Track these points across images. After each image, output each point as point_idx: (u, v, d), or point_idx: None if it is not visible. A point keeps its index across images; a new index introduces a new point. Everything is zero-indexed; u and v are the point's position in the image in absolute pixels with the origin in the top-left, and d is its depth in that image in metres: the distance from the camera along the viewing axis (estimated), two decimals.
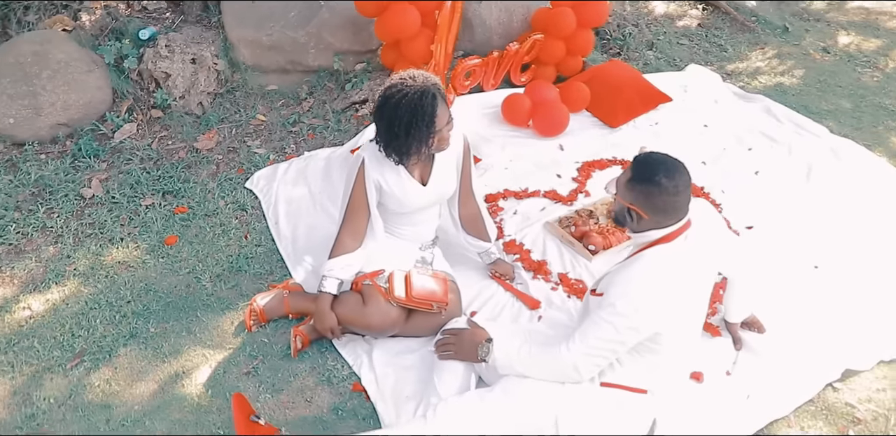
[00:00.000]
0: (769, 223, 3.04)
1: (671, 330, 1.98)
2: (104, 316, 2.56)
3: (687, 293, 1.97)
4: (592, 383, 2.05)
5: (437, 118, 2.20)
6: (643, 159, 1.97)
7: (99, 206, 2.99)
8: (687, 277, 1.96)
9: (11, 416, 2.26)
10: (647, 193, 1.92)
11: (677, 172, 1.92)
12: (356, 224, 2.40)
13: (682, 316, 1.99)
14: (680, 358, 2.09)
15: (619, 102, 3.57)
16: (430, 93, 2.17)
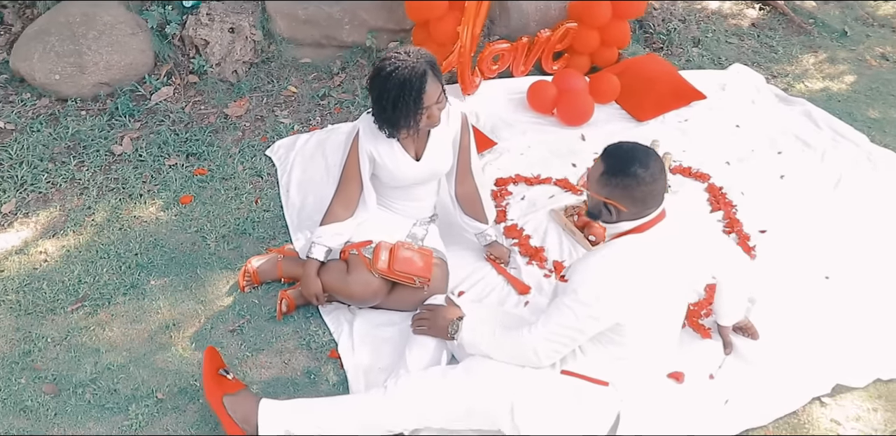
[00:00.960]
0: (784, 229, 2.90)
1: (634, 323, 1.90)
2: (111, 266, 2.65)
3: (653, 286, 1.89)
4: (553, 370, 2.01)
5: (426, 95, 2.16)
6: (613, 151, 1.89)
7: (126, 162, 3.08)
8: (654, 269, 1.89)
9: (10, 350, 2.37)
10: (623, 185, 1.85)
11: (650, 159, 1.85)
12: (348, 194, 2.40)
13: (648, 310, 1.92)
14: (647, 353, 2.01)
15: (649, 96, 3.45)
16: (420, 69, 2.14)
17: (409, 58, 2.15)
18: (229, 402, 2.09)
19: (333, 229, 2.38)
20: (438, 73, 2.21)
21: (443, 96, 2.23)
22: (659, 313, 1.96)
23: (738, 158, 3.28)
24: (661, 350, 2.07)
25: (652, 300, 1.91)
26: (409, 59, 2.15)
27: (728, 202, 3.01)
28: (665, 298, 1.95)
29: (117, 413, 2.20)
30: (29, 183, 2.95)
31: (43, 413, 2.20)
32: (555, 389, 1.98)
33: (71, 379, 2.29)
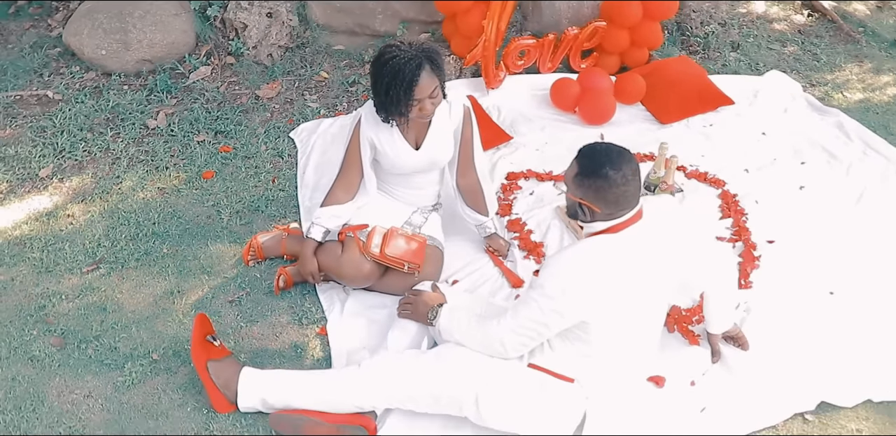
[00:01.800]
0: (794, 241, 2.81)
1: (600, 321, 1.90)
2: (129, 232, 2.77)
3: (623, 287, 1.88)
4: (521, 362, 2.02)
5: (418, 88, 2.18)
6: (587, 152, 1.89)
7: (157, 136, 3.20)
8: (625, 270, 1.87)
9: (28, 304, 2.52)
10: (595, 187, 1.84)
11: (623, 161, 1.83)
12: (349, 179, 2.45)
13: (616, 309, 1.91)
14: (616, 354, 2.00)
15: (674, 99, 3.39)
16: (416, 62, 2.16)
17: (410, 50, 2.18)
18: (213, 367, 2.18)
19: (332, 211, 2.43)
20: (438, 68, 2.22)
21: (438, 92, 2.25)
22: (629, 314, 1.95)
23: (759, 167, 3.19)
24: (633, 352, 2.05)
25: (621, 300, 1.90)
26: (409, 50, 2.17)
27: (739, 210, 2.94)
28: (637, 299, 1.94)
29: (114, 369, 2.32)
30: (67, 151, 3.11)
31: (48, 363, 2.34)
32: (520, 382, 1.99)
33: (77, 335, 2.42)
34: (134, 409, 2.23)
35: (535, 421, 2.01)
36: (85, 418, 2.20)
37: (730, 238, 2.82)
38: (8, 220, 2.82)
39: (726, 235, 2.83)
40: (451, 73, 3.38)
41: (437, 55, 2.22)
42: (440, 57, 2.23)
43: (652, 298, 2.00)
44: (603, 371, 2.01)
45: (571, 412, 2.02)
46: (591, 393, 2.00)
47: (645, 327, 2.04)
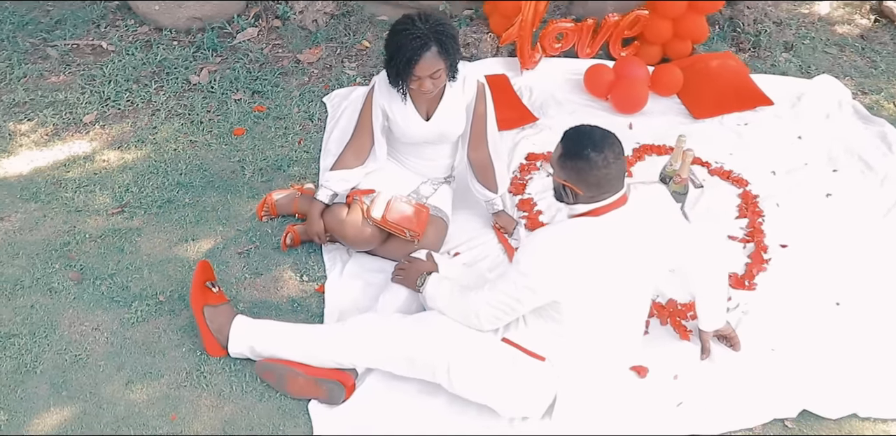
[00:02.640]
0: (808, 247, 2.74)
1: (572, 302, 1.91)
2: (157, 181, 2.89)
3: (598, 270, 1.88)
4: (495, 335, 2.05)
5: (418, 65, 2.20)
6: (571, 134, 1.89)
7: (197, 92, 3.31)
8: (601, 253, 1.87)
9: (54, 240, 2.66)
10: (577, 168, 1.85)
11: (606, 144, 1.83)
12: (360, 143, 2.49)
13: (589, 292, 1.91)
14: (588, 336, 2.00)
15: (710, 94, 3.31)
16: (422, 41, 2.17)
17: (423, 27, 2.18)
18: (209, 312, 2.28)
19: (340, 175, 2.49)
20: (446, 51, 2.21)
21: (441, 74, 2.25)
22: (605, 299, 1.95)
23: (787, 170, 3.10)
24: (608, 337, 2.05)
25: (595, 283, 1.90)
26: (421, 27, 2.18)
27: (757, 211, 2.87)
28: (614, 284, 1.94)
29: (122, 306, 2.45)
30: (112, 99, 3.24)
31: (64, 295, 2.48)
32: (491, 354, 2.02)
33: (94, 271, 2.55)
34: (135, 345, 2.35)
35: (505, 395, 2.04)
36: (90, 349, 2.34)
37: (742, 238, 2.77)
38: (49, 160, 2.97)
39: (739, 235, 2.79)
40: (488, 50, 3.38)
41: (447, 38, 2.21)
42: (451, 39, 2.23)
43: (631, 285, 1.99)
44: (575, 352, 2.02)
45: (542, 391, 2.04)
46: (562, 373, 2.02)
47: (623, 313, 2.04)
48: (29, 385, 2.25)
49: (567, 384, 2.03)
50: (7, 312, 2.43)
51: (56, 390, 2.23)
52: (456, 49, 2.26)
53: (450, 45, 2.22)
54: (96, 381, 2.26)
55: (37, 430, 2.14)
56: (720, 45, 3.75)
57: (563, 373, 2.01)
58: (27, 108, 3.20)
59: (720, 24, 3.79)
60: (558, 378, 2.02)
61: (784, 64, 3.77)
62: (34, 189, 2.84)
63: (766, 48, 3.80)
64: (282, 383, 2.19)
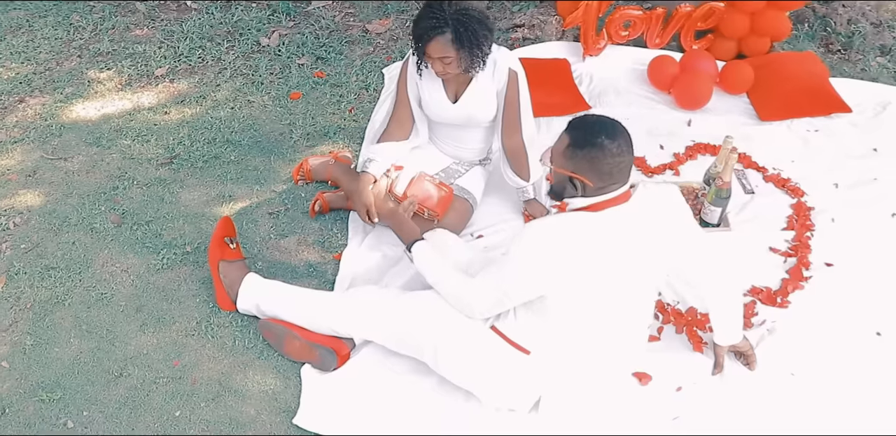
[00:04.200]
0: (857, 269, 2.42)
1: (559, 297, 1.75)
2: (208, 136, 2.89)
3: (589, 268, 1.71)
4: (484, 323, 1.92)
5: (429, 47, 2.10)
6: (578, 123, 1.71)
7: (265, 54, 3.28)
8: (595, 250, 1.70)
9: (105, 184, 2.70)
10: (590, 157, 1.67)
11: (617, 132, 1.66)
12: (400, 117, 2.38)
13: (579, 289, 1.75)
14: (576, 335, 1.84)
15: (781, 96, 2.99)
16: (438, 22, 2.06)
17: (444, 12, 2.06)
18: (223, 267, 2.25)
19: (388, 148, 2.37)
20: (460, 41, 2.08)
21: (453, 61, 2.12)
22: (595, 297, 1.78)
23: (853, 184, 2.76)
24: (597, 336, 1.87)
25: (585, 280, 1.73)
26: (443, 12, 2.06)
27: (808, 224, 2.57)
28: (605, 283, 1.76)
29: (152, 253, 2.46)
30: (185, 55, 3.26)
31: (102, 236, 2.52)
32: (477, 342, 1.89)
33: (133, 217, 2.58)
34: (156, 290, 2.36)
35: (487, 384, 1.92)
36: (115, 289, 2.37)
37: (784, 251, 2.50)
38: (117, 108, 3.02)
39: (782, 248, 2.52)
40: (553, 33, 3.17)
41: (465, 29, 2.06)
42: (470, 32, 2.07)
43: (626, 286, 1.80)
44: (560, 349, 1.86)
45: (525, 385, 1.90)
46: (546, 369, 1.88)
47: (616, 314, 1.85)
48: (56, 316, 2.31)
49: (552, 381, 1.89)
50: (51, 245, 2.50)
51: (78, 324, 2.28)
52: (475, 43, 2.11)
53: (466, 37, 2.07)
54: (114, 320, 2.29)
55: (54, 356, 2.20)
56: (806, 44, 3.39)
57: (547, 369, 1.87)
58: (109, 57, 3.27)
59: (810, 23, 3.42)
60: (543, 373, 1.88)
61: (876, 69, 3.37)
62: (98, 134, 2.90)
63: (859, 51, 3.40)
64: (280, 343, 2.15)
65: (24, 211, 2.62)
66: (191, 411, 2.08)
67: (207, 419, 2.06)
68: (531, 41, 3.20)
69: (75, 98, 3.06)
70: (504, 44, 3.30)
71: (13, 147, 2.86)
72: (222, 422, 2.05)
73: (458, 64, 2.14)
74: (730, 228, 2.56)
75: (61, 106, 3.03)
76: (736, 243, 2.51)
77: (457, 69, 2.16)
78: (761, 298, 2.34)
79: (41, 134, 2.91)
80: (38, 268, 2.43)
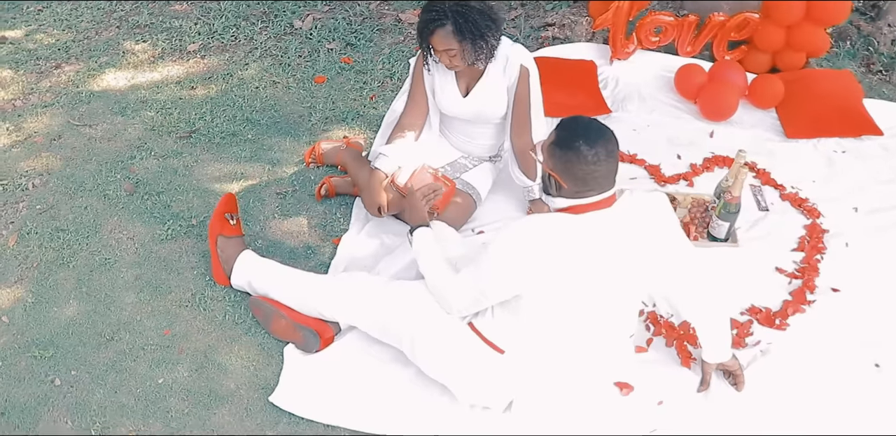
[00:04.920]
0: (864, 297, 2.30)
1: (532, 299, 1.71)
2: (229, 114, 2.90)
3: (565, 270, 1.66)
4: (463, 319, 1.88)
5: (432, 40, 2.09)
6: (567, 123, 1.65)
7: (296, 36, 3.27)
8: (572, 253, 1.65)
9: (124, 153, 2.74)
10: (566, 159, 1.63)
11: (601, 139, 1.59)
12: (417, 106, 2.35)
13: (553, 291, 1.69)
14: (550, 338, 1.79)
15: (810, 113, 2.87)
16: (437, 15, 2.04)
17: (443, 4, 2.03)
18: (222, 242, 2.26)
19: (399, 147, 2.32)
20: (461, 32, 2.05)
21: (456, 53, 2.09)
22: (569, 300, 1.72)
23: (874, 209, 2.62)
24: (572, 341, 1.81)
25: (559, 283, 1.68)
26: (442, 4, 2.04)
27: (819, 247, 2.46)
28: (581, 287, 1.70)
29: (159, 223, 2.48)
30: (219, 33, 3.28)
31: (113, 203, 2.55)
32: (452, 338, 1.86)
33: (146, 187, 2.61)
34: (157, 259, 2.38)
35: (460, 380, 1.88)
36: (119, 255, 2.39)
37: (790, 272, 2.39)
38: (146, 79, 3.06)
39: (788, 269, 2.41)
40: (582, 34, 3.10)
41: (465, 20, 2.03)
42: (471, 23, 2.04)
43: (604, 292, 1.74)
44: (535, 351, 1.81)
45: (498, 384, 1.86)
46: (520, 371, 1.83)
47: (592, 319, 1.79)
48: (60, 276, 2.34)
49: (525, 382, 1.84)
50: (65, 208, 2.54)
51: (79, 286, 2.31)
52: (479, 36, 2.07)
53: (468, 30, 2.04)
54: (114, 285, 2.32)
55: (52, 315, 2.23)
56: (846, 62, 3.25)
57: (521, 369, 1.83)
58: (146, 30, 3.31)
59: (852, 41, 3.27)
60: (516, 374, 1.83)
61: None
62: (124, 104, 2.93)
63: None
64: (267, 321, 2.15)
65: (45, 173, 2.67)
66: (173, 380, 2.09)
67: (188, 389, 2.07)
68: (560, 41, 3.13)
69: (108, 67, 3.11)
70: (534, 42, 3.25)
71: (43, 111, 2.92)
72: (202, 393, 2.06)
73: (463, 56, 2.11)
74: (737, 244, 2.47)
75: (94, 74, 3.07)
76: (742, 260, 2.42)
77: (463, 62, 2.12)
78: (759, 318, 2.25)
79: (71, 100, 2.96)
80: (49, 229, 2.48)
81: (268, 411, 2.02)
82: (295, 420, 2.00)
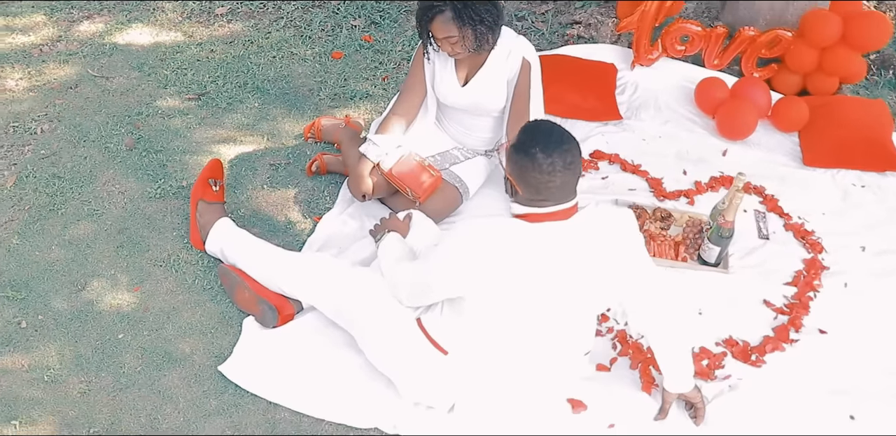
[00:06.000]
0: (851, 343, 2.15)
1: (475, 302, 1.65)
2: (241, 80, 2.86)
3: (511, 278, 1.60)
4: (413, 313, 1.83)
5: (432, 27, 2.04)
6: (530, 127, 1.57)
7: (322, 10, 3.20)
8: (521, 262, 1.58)
9: (132, 108, 2.74)
10: (520, 165, 1.55)
11: (560, 148, 1.50)
12: (412, 96, 2.28)
13: (496, 299, 1.63)
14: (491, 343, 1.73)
15: (833, 142, 2.70)
16: (433, 4, 1.98)
17: None
18: (202, 207, 2.24)
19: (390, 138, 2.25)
20: (461, 18, 1.98)
21: (457, 40, 2.01)
22: (514, 310, 1.66)
23: (882, 250, 2.44)
24: (515, 350, 1.74)
25: (504, 291, 1.62)
26: None
27: (814, 284, 2.30)
28: (527, 298, 1.64)
29: (151, 181, 2.48)
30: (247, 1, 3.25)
31: (112, 156, 2.56)
32: (398, 332, 1.81)
33: (146, 144, 2.60)
34: (142, 216, 2.38)
35: (402, 377, 1.83)
36: (107, 208, 2.40)
37: (778, 307, 2.25)
38: (169, 38, 3.04)
39: (777, 304, 2.27)
40: (607, 36, 2.97)
41: (465, 5, 1.96)
42: (469, 8, 1.96)
43: (553, 306, 1.66)
44: (477, 355, 1.75)
45: (440, 384, 1.80)
46: (462, 373, 1.78)
47: (540, 332, 1.71)
48: (48, 222, 2.36)
49: (467, 385, 1.79)
50: (66, 156, 2.56)
51: (63, 233, 2.33)
52: (479, 21, 2.00)
53: (467, 15, 1.96)
54: (96, 237, 2.33)
55: (32, 259, 2.25)
56: (885, 92, 3.04)
57: (463, 372, 1.77)
58: None
59: (895, 70, 3.06)
60: (459, 376, 1.78)
61: None
62: (143, 60, 2.93)
63: None
64: (232, 290, 2.13)
65: (55, 119, 2.69)
66: (132, 337, 2.10)
67: (144, 348, 2.07)
68: (585, 40, 3.00)
69: (136, 22, 3.10)
70: (559, 39, 3.13)
71: (67, 58, 2.93)
72: (157, 353, 2.06)
73: (464, 43, 2.03)
74: (727, 271, 2.34)
75: (121, 28, 3.07)
76: (729, 288, 2.29)
77: (465, 49, 2.05)
78: (734, 351, 2.13)
79: (94, 51, 2.97)
80: (46, 175, 2.49)
81: (216, 379, 2.01)
82: (241, 392, 1.98)
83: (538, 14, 3.26)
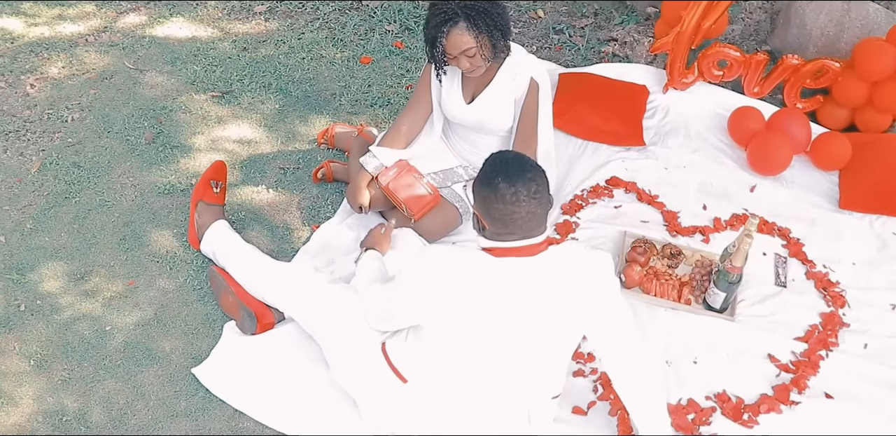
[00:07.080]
0: (856, 412, 1.98)
1: (434, 332, 1.58)
2: (266, 81, 2.86)
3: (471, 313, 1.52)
4: (379, 338, 1.77)
5: (448, 43, 1.92)
6: (494, 157, 1.48)
7: (359, 12, 3.16)
8: (482, 296, 1.50)
9: (159, 101, 2.77)
10: (483, 196, 1.47)
11: (523, 177, 1.41)
12: (416, 112, 2.22)
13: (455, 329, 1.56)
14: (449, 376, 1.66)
15: (874, 185, 2.47)
16: (447, 15, 1.88)
17: (450, 3, 1.87)
18: (201, 207, 2.25)
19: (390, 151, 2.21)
20: (481, 26, 1.87)
21: (475, 52, 1.90)
22: (474, 345, 1.58)
23: None
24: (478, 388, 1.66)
25: (461, 323, 1.54)
26: (448, 4, 1.87)
27: (830, 342, 2.11)
28: (487, 334, 1.56)
29: (163, 175, 2.51)
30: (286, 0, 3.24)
31: (132, 149, 2.60)
32: (362, 356, 1.77)
33: (165, 139, 2.63)
34: (149, 211, 2.41)
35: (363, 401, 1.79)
36: (118, 200, 2.44)
37: (783, 364, 2.08)
38: (205, 34, 3.07)
39: (782, 360, 2.10)
40: (642, 55, 2.80)
41: (478, 13, 1.86)
42: (484, 15, 1.87)
43: (515, 343, 1.58)
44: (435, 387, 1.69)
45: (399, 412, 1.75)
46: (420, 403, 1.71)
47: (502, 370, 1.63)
48: (62, 209, 2.42)
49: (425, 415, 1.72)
50: (89, 146, 2.62)
51: (74, 221, 2.38)
52: (494, 26, 1.91)
53: (482, 22, 1.87)
54: (102, 227, 2.37)
55: (41, 244, 2.31)
56: None
57: (422, 402, 1.70)
58: None
59: None
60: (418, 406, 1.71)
61: None
62: (176, 55, 2.96)
63: None
64: (218, 293, 2.13)
65: (86, 109, 2.75)
66: (118, 330, 2.13)
67: (128, 342, 2.10)
68: (619, 59, 2.85)
69: (177, 16, 3.14)
70: (594, 55, 2.99)
71: (108, 49, 3.00)
72: (139, 348, 2.09)
73: (482, 52, 1.94)
74: (732, 319, 2.19)
75: (162, 21, 3.12)
76: (733, 337, 2.14)
77: (484, 60, 1.97)
78: (724, 408, 1.99)
79: (133, 43, 3.02)
80: (68, 163, 2.56)
81: (190, 380, 2.02)
82: (210, 396, 1.98)
83: (577, 28, 3.12)
